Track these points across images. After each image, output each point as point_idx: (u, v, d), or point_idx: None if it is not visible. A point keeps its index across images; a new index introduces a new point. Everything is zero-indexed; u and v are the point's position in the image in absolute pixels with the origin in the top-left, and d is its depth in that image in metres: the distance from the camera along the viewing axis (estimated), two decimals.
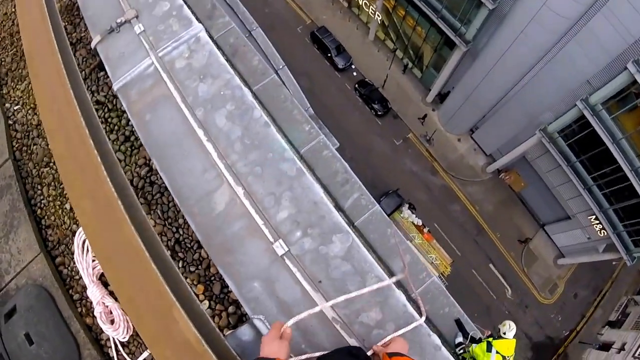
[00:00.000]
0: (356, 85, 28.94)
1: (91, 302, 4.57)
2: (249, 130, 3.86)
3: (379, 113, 28.25)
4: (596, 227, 22.36)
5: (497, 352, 5.60)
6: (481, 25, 21.18)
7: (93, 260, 4.49)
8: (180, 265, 4.34)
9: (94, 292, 4.42)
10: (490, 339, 5.51)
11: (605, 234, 21.58)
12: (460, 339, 4.72)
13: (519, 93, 22.20)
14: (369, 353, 3.09)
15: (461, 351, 4.77)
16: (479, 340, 5.08)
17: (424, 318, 3.43)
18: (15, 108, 5.97)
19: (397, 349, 2.84)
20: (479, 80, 22.89)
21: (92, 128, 4.33)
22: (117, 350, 4.49)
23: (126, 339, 4.42)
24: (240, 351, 3.61)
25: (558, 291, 26.45)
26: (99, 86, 5.28)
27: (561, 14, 17.17)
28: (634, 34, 16.11)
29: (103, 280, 4.59)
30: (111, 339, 4.48)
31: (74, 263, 4.74)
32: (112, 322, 4.39)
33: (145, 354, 4.02)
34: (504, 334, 5.87)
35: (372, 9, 27.82)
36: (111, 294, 4.46)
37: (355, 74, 29.53)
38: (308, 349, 3.54)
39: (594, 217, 21.85)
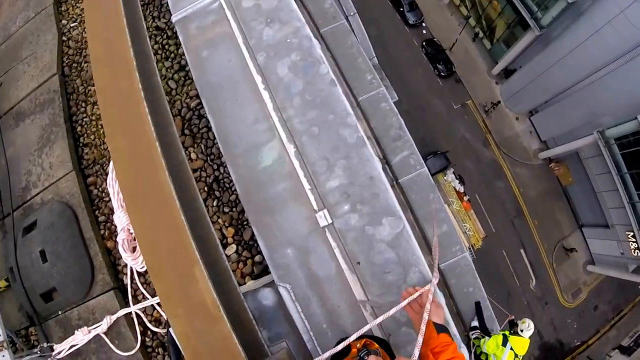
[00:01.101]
0: (424, 43, 28.14)
1: (116, 227, 4.30)
2: (312, 86, 3.41)
3: (443, 74, 27.45)
4: (632, 244, 21.41)
5: (511, 349, 5.27)
6: (558, 15, 20.74)
7: None
8: (214, 204, 4.05)
9: (121, 218, 4.13)
10: (507, 332, 5.17)
11: (638, 254, 20.80)
12: (476, 322, 4.44)
13: (586, 89, 21.35)
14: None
15: (474, 336, 4.50)
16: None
17: (436, 280, 3.00)
18: (72, 25, 5.66)
19: (439, 319, 2.60)
20: (548, 67, 22.17)
21: (142, 56, 3.93)
22: (132, 279, 4.26)
23: (144, 269, 4.17)
24: (257, 314, 3.34)
25: (580, 297, 25.61)
26: (161, 12, 4.90)
27: (637, 25, 16.70)
28: None
29: None
30: (129, 267, 4.24)
31: (107, 184, 4.46)
32: (134, 250, 4.12)
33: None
34: (522, 331, 5.55)
35: None
36: None
37: (425, 32, 28.64)
38: (329, 331, 3.21)
39: (631, 234, 20.93)
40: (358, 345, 2.67)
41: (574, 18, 19.95)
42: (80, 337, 4.39)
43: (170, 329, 3.16)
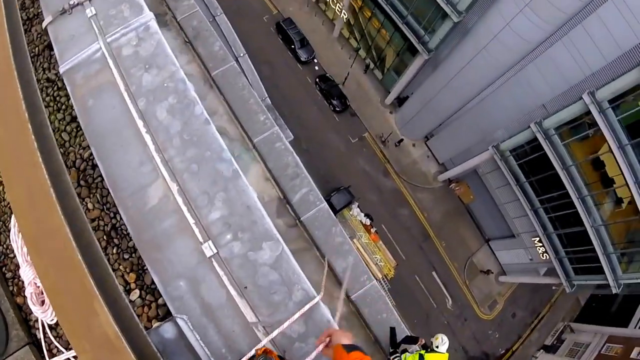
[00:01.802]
0: (317, 80, 28.57)
1: (23, 282, 4.42)
2: (188, 126, 3.72)
3: (338, 109, 27.95)
4: (539, 249, 22.44)
5: None
6: (445, 36, 21.03)
7: None
8: (114, 251, 4.23)
9: (27, 272, 4.27)
10: (422, 352, 5.47)
11: (547, 257, 21.60)
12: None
13: (476, 107, 22.13)
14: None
15: (394, 357, 4.76)
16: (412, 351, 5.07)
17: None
18: None
19: (349, 341, 2.73)
20: (438, 89, 22.77)
21: (33, 109, 4.13)
22: (44, 333, 4.38)
23: (54, 322, 4.30)
24: (161, 348, 3.53)
25: (497, 308, 26.65)
26: (51, 64, 5.06)
27: (523, 36, 17.20)
28: (591, 66, 16.17)
29: None
30: (39, 321, 4.36)
31: (10, 241, 4.58)
32: (43, 303, 4.26)
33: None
34: (437, 347, 5.80)
35: (338, 6, 27.55)
36: None
37: (317, 68, 29.14)
38: (228, 355, 3.49)
39: (537, 239, 21.86)
40: (259, 352, 2.96)
41: (461, 37, 20.37)
42: None
43: None
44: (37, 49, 5.12)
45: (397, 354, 4.67)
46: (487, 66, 19.39)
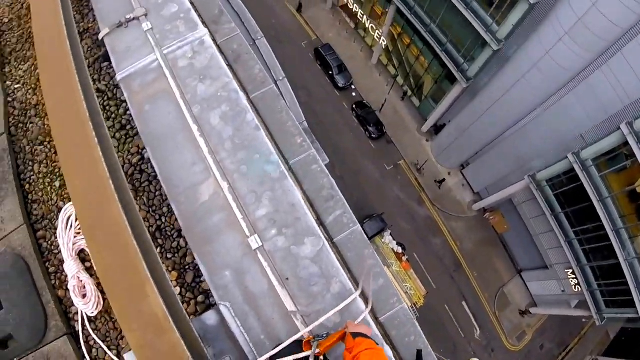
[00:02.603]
0: (354, 106, 29.46)
1: (66, 276, 4.79)
2: (239, 131, 4.21)
3: (374, 136, 28.69)
4: (572, 281, 22.64)
5: None
6: (484, 65, 21.74)
7: (74, 237, 4.73)
8: (158, 251, 4.59)
9: (71, 266, 4.65)
10: None
11: (580, 290, 21.79)
12: None
13: (514, 136, 22.69)
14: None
15: None
16: None
17: (369, 309, 3.73)
18: (15, 86, 6.24)
19: (358, 330, 3.05)
20: (476, 118, 23.41)
21: (92, 112, 4.63)
22: (83, 325, 4.69)
23: (94, 314, 4.63)
24: (202, 334, 3.88)
25: (526, 339, 26.73)
26: (101, 75, 5.60)
27: (563, 65, 17.64)
28: (630, 95, 16.54)
29: (80, 257, 4.82)
30: (80, 313, 4.69)
31: (55, 238, 4.97)
32: (84, 296, 4.61)
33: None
34: None
35: (377, 33, 28.55)
36: (87, 270, 4.71)
37: (354, 94, 30.12)
38: (267, 341, 3.83)
39: (571, 271, 22.12)
40: (309, 338, 3.30)
41: (500, 66, 21.03)
42: None
43: None
44: (87, 61, 5.67)
45: None
46: (526, 95, 19.94)
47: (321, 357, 3.13)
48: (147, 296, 3.71)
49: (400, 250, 24.82)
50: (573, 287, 22.65)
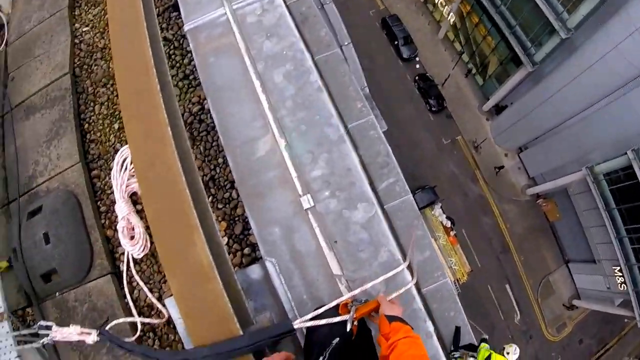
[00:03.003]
0: (416, 78, 29.48)
1: (116, 217, 4.94)
2: (302, 91, 4.20)
3: (434, 109, 28.66)
4: (618, 279, 22.23)
5: None
6: (551, 51, 21.72)
7: (128, 179, 4.86)
8: (210, 200, 4.68)
9: (122, 208, 4.79)
10: (492, 351, 5.64)
11: (625, 288, 21.49)
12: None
13: (575, 126, 22.49)
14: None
15: (457, 355, 4.92)
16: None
17: (414, 281, 3.68)
18: (84, 29, 6.42)
19: (393, 312, 2.95)
20: (538, 103, 23.32)
21: (157, 59, 4.70)
22: (128, 266, 4.85)
23: (140, 256, 4.78)
24: (245, 287, 3.94)
25: (565, 331, 26.31)
26: (170, 25, 5.70)
27: (630, 60, 17.59)
28: None
29: (132, 200, 4.96)
30: (126, 254, 4.85)
31: (109, 178, 5.13)
32: (132, 238, 4.75)
33: None
34: (507, 353, 5.94)
35: (446, 9, 28.65)
36: (137, 213, 4.85)
37: (417, 66, 30.10)
38: (309, 301, 3.86)
39: (618, 268, 21.79)
40: (347, 302, 3.31)
41: (567, 54, 20.94)
42: (74, 333, 4.84)
43: None
44: (157, 10, 5.76)
45: (462, 350, 4.87)
46: (591, 87, 19.97)
47: (356, 322, 3.13)
48: (195, 244, 3.76)
49: (449, 224, 24.66)
50: (619, 285, 22.17)
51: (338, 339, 3.04)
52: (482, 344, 5.57)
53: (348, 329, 3.01)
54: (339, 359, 2.90)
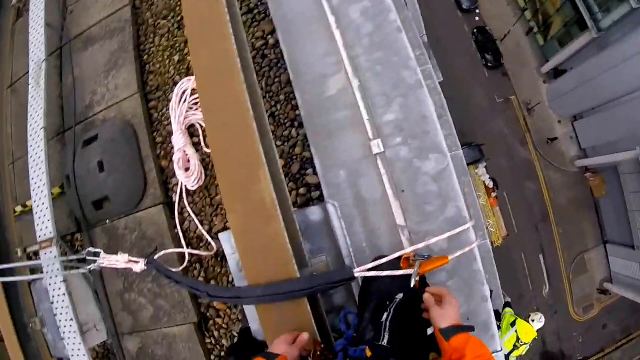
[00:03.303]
0: (475, 30, 28.62)
1: (172, 148, 4.91)
2: (380, 30, 3.95)
3: (490, 65, 27.94)
4: None
5: (516, 332, 5.67)
6: (619, 19, 21.06)
7: (187, 111, 4.79)
8: None
9: (179, 139, 4.74)
10: (517, 317, 5.59)
11: None
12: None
13: (636, 101, 21.63)
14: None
15: None
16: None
17: (478, 242, 3.50)
18: None
19: (448, 319, 2.40)
20: (600, 72, 22.50)
21: None
22: (180, 197, 4.83)
23: (194, 189, 4.75)
24: (303, 227, 3.83)
25: (592, 313, 26.12)
26: None
27: None
28: None
29: (189, 132, 4.90)
30: (179, 185, 4.82)
31: (167, 110, 5.08)
32: (187, 170, 4.72)
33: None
34: (532, 321, 5.93)
35: None
36: (194, 145, 4.79)
37: (477, 18, 29.18)
38: (368, 250, 3.74)
39: None
40: (409, 255, 3.15)
41: (636, 25, 20.08)
42: (121, 261, 4.82)
43: None
44: None
45: None
46: None
47: (417, 278, 2.98)
48: (259, 181, 3.63)
49: (491, 185, 24.10)
50: None
51: (402, 294, 2.93)
52: (507, 309, 5.49)
53: (412, 285, 2.87)
54: (402, 314, 2.77)
